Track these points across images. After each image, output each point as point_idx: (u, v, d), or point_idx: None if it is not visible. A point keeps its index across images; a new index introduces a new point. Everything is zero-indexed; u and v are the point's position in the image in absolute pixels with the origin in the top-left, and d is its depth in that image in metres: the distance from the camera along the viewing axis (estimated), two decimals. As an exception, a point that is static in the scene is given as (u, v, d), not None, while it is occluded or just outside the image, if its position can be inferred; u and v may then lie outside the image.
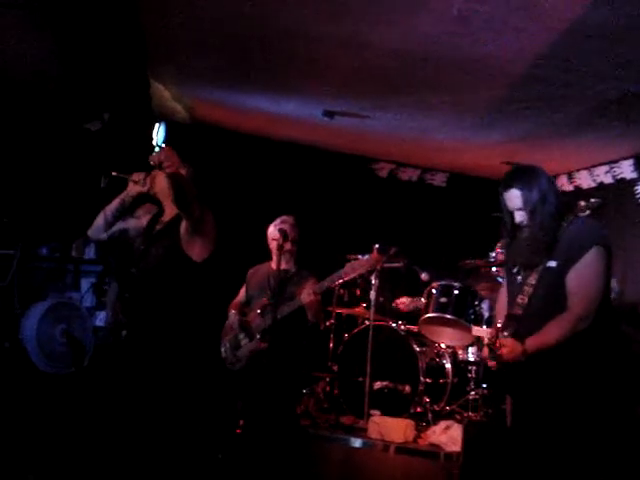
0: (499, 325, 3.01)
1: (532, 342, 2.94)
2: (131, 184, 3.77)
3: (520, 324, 2.99)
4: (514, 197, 3.10)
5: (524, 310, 3.04)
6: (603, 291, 3.02)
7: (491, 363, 3.01)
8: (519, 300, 3.08)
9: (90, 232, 3.85)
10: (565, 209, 3.14)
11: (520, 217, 3.12)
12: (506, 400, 3.26)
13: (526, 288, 3.05)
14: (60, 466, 3.83)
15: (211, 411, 4.60)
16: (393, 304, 5.75)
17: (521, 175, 3.14)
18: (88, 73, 4.53)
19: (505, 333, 2.96)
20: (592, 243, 2.97)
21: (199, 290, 3.65)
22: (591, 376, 2.96)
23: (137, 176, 3.76)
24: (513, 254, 3.20)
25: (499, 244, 4.89)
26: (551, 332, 2.93)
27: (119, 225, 3.79)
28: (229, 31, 4.29)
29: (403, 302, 5.70)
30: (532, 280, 3.04)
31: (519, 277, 3.14)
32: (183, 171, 3.60)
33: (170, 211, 3.75)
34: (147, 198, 3.86)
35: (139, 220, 3.83)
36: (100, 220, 3.79)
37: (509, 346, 2.94)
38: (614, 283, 5.32)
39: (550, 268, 3.01)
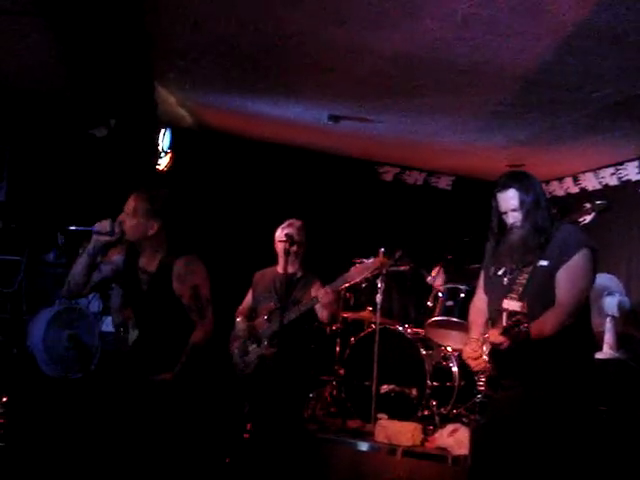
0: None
1: (533, 327, 2.96)
2: (95, 236, 3.44)
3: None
4: (510, 198, 3.17)
5: None
6: (588, 290, 3.12)
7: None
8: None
9: (67, 294, 3.61)
10: (555, 215, 3.25)
11: (513, 219, 3.18)
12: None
13: (516, 287, 3.08)
14: (68, 470, 3.84)
15: (219, 415, 4.61)
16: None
17: (518, 177, 3.24)
18: (94, 79, 4.55)
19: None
20: (582, 244, 3.06)
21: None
22: (574, 372, 3.04)
23: (101, 226, 3.44)
24: (500, 256, 3.24)
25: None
26: (549, 320, 2.98)
27: (95, 277, 3.52)
28: (235, 37, 4.30)
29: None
30: (522, 279, 3.08)
31: (505, 279, 3.17)
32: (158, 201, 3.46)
33: (149, 259, 3.52)
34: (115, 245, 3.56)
35: (113, 264, 3.58)
36: (75, 280, 3.50)
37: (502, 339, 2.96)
38: (624, 296, 5.29)
39: (542, 267, 3.08)
